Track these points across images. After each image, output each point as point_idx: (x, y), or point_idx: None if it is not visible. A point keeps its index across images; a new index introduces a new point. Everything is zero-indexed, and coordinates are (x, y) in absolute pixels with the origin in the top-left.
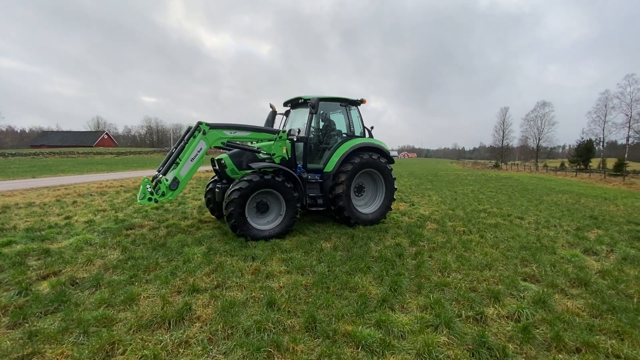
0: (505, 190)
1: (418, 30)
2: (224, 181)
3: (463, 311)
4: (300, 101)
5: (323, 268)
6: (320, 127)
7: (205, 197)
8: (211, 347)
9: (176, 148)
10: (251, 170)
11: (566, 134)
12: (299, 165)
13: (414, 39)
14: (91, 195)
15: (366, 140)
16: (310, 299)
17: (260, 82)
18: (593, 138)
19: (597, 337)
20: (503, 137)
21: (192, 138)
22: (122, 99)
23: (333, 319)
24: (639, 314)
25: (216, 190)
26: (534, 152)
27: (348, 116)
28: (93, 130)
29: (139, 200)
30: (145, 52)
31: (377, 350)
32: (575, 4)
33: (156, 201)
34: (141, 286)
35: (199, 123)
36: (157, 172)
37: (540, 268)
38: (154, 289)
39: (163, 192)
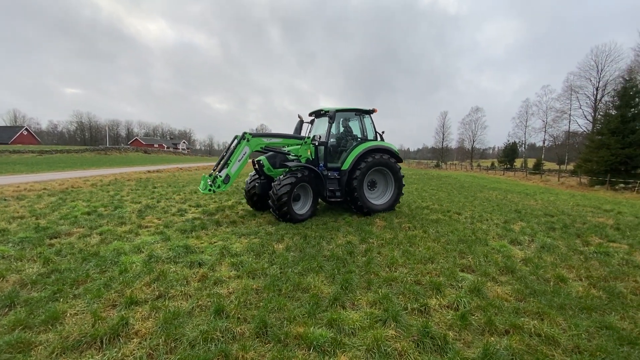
0: (445, 188)
1: (361, 23)
2: (262, 177)
3: (409, 304)
4: (322, 112)
5: (275, 270)
6: (341, 132)
7: (246, 191)
8: None
9: (227, 152)
10: (288, 168)
11: (496, 136)
12: (321, 164)
13: (358, 33)
14: (5, 200)
15: (377, 143)
16: (261, 303)
17: (199, 75)
18: (517, 141)
19: (522, 319)
20: (443, 139)
21: (239, 145)
22: (35, 88)
23: (285, 322)
24: (555, 296)
25: (256, 184)
26: (469, 153)
27: (362, 123)
28: (9, 125)
29: (202, 191)
30: (48, 31)
31: (329, 349)
32: (506, 10)
33: (214, 192)
34: (67, 302)
35: (244, 133)
36: (212, 171)
37: (475, 259)
38: (83, 305)
39: (219, 185)
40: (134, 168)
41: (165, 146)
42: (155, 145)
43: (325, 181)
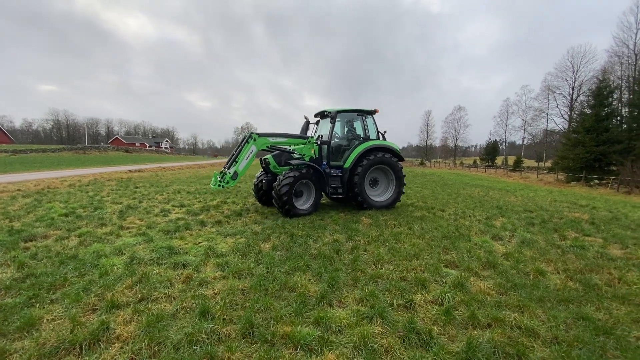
0: (429, 185)
1: (346, 21)
2: (269, 175)
3: (395, 300)
4: (326, 113)
5: (261, 270)
6: (343, 132)
7: (255, 187)
8: None
9: (236, 151)
10: (290, 166)
11: (478, 134)
12: (324, 162)
13: (342, 31)
14: None
15: (378, 142)
16: (247, 304)
17: (181, 72)
18: (498, 139)
19: (504, 312)
20: (427, 137)
21: (246, 144)
22: (6, 84)
23: (271, 322)
24: (535, 289)
25: (263, 181)
26: (452, 151)
27: (364, 123)
28: None
29: (212, 187)
30: (19, 24)
31: (316, 348)
32: (488, 10)
33: (223, 187)
34: (44, 307)
35: (252, 133)
36: (223, 168)
37: (459, 254)
38: (60, 310)
39: (227, 180)
40: (114, 168)
41: (147, 145)
42: (136, 144)
43: (327, 178)
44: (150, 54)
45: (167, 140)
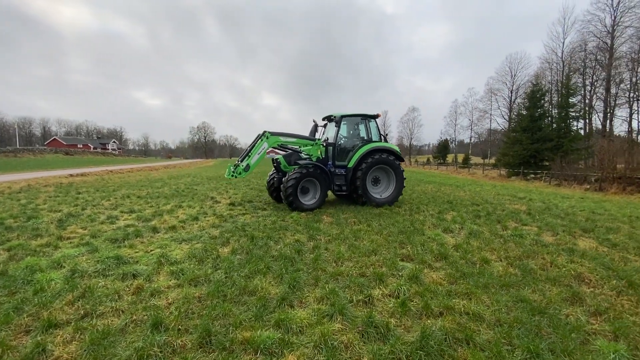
0: None
1: (302, 16)
2: (279, 173)
3: (354, 296)
4: (332, 117)
5: (220, 275)
6: (348, 134)
7: (267, 184)
8: None
9: (250, 146)
10: (299, 165)
11: (430, 134)
12: (330, 163)
13: (299, 27)
14: None
15: (380, 143)
16: (204, 311)
17: (126, 67)
18: (448, 137)
19: (454, 300)
20: (385, 137)
21: (259, 141)
22: None
23: (230, 328)
24: (481, 277)
25: (275, 179)
26: (408, 150)
27: (367, 126)
28: None
29: (226, 176)
30: None
31: (277, 351)
32: (437, 13)
33: (236, 177)
34: None
35: (265, 131)
36: (237, 161)
37: (414, 248)
38: None
39: (240, 172)
40: (52, 172)
41: (92, 146)
42: (79, 146)
43: (332, 177)
44: (87, 46)
45: (114, 141)
